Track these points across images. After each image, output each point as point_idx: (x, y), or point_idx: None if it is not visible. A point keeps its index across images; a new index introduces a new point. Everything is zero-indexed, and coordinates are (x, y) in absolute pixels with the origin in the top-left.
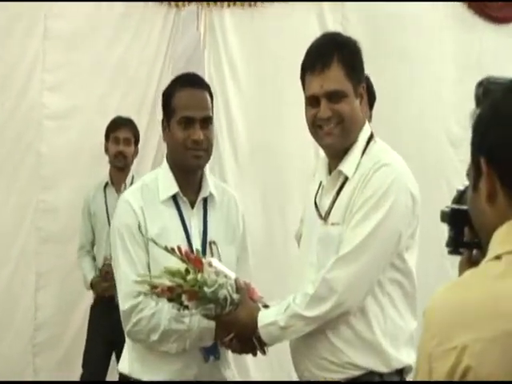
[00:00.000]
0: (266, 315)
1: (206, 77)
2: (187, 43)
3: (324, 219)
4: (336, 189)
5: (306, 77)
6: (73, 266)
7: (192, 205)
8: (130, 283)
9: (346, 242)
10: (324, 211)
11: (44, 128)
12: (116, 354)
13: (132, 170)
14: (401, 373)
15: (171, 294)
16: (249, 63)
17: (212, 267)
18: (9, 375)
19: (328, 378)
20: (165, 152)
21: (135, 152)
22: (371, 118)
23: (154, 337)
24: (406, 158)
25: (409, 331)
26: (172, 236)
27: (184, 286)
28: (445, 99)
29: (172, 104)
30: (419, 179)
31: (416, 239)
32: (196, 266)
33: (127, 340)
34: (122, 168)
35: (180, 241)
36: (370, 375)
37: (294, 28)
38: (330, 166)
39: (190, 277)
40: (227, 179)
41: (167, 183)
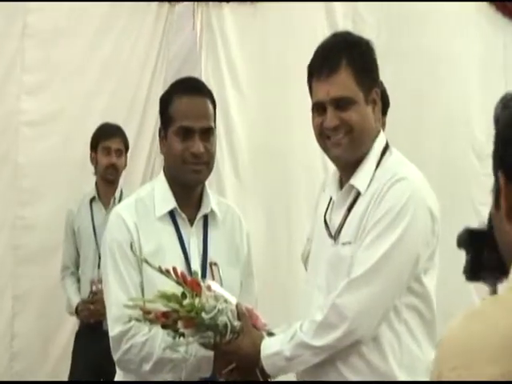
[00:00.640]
0: (270, 344)
1: (203, 80)
2: (182, 43)
3: (334, 238)
4: (347, 205)
5: (313, 82)
6: (53, 289)
7: (191, 222)
8: (121, 306)
9: (358, 264)
10: (334, 229)
11: (21, 136)
12: None
13: (120, 183)
14: None
15: (166, 321)
16: (250, 65)
17: (211, 291)
18: None
19: None
20: (156, 163)
21: (125, 163)
22: (385, 126)
23: (147, 366)
24: (426, 171)
25: (427, 362)
26: (168, 256)
27: (180, 312)
28: (469, 105)
29: (169, 112)
30: (440, 195)
31: (436, 261)
32: (193, 290)
33: (118, 370)
34: (112, 181)
35: (177, 261)
36: None
37: (301, 26)
38: (341, 180)
39: (187, 302)
40: (226, 193)
41: (164, 198)
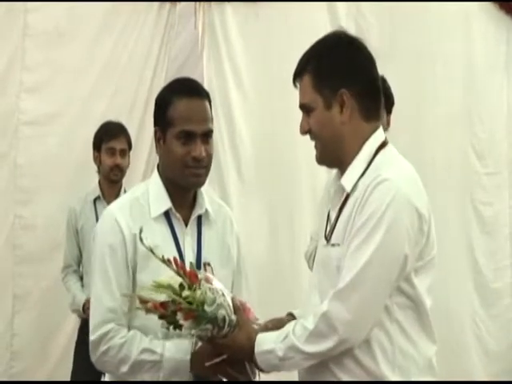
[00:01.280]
0: (264, 341)
1: (206, 82)
2: (183, 43)
3: (326, 239)
4: (339, 205)
5: None
6: (53, 288)
7: (185, 222)
8: (105, 312)
9: (345, 272)
10: (328, 230)
11: (21, 135)
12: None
13: (123, 183)
14: None
15: (164, 311)
16: (253, 65)
17: (209, 283)
18: None
19: None
20: (156, 162)
21: (128, 162)
22: (389, 125)
23: (124, 368)
24: (427, 171)
25: (423, 359)
26: (164, 255)
27: (182, 304)
28: (471, 105)
29: (169, 114)
30: (440, 194)
31: (428, 260)
32: (191, 281)
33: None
34: (117, 181)
35: None
36: None
37: (303, 25)
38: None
39: (186, 293)
40: (230, 196)
41: (159, 198)
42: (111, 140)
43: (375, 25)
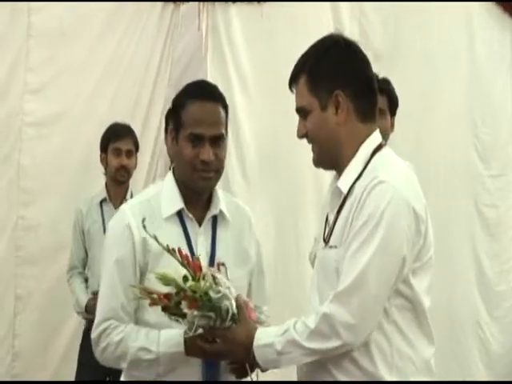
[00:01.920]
0: (263, 335)
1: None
2: (187, 44)
3: (325, 241)
4: (337, 207)
5: None
6: (55, 290)
7: (199, 222)
8: (106, 310)
9: (345, 275)
10: (326, 232)
11: (24, 136)
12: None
13: (130, 185)
14: None
15: (168, 302)
16: (257, 66)
17: (215, 278)
18: None
19: None
20: (159, 163)
21: (135, 163)
22: (393, 126)
23: (124, 364)
24: (430, 172)
25: (421, 360)
26: (168, 244)
27: (187, 291)
28: (474, 106)
29: (181, 116)
30: (443, 196)
31: (425, 261)
32: (195, 272)
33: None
34: (123, 182)
35: None
36: None
37: (307, 26)
38: None
39: (190, 283)
40: (234, 194)
41: (171, 198)
42: (117, 141)
43: (378, 26)
